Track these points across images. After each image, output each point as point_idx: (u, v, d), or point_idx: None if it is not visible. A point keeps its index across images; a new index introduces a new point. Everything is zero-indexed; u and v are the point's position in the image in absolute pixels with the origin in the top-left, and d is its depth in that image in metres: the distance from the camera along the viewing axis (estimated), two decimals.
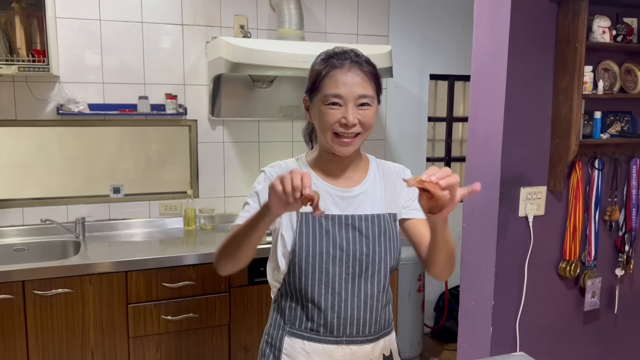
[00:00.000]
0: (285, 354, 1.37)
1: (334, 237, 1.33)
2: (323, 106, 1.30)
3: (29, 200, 2.84)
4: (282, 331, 1.39)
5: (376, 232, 1.36)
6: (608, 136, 2.21)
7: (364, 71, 1.31)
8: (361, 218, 1.36)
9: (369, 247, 1.34)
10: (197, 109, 3.06)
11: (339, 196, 1.37)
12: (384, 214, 1.39)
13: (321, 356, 1.34)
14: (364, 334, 1.36)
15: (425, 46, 3.64)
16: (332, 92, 1.28)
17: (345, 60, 1.30)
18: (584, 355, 2.39)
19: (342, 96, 1.28)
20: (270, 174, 1.40)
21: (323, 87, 1.30)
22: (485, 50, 2.17)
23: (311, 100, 1.35)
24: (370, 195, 1.40)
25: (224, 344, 2.64)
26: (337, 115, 1.29)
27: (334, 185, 1.39)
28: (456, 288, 3.81)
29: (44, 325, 2.34)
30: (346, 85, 1.28)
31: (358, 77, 1.29)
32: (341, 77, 1.28)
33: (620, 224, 2.35)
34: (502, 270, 2.16)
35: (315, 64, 1.35)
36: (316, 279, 1.33)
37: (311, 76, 1.34)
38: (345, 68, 1.29)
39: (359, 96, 1.29)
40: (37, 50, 2.56)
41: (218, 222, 3.14)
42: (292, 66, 2.65)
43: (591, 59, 2.12)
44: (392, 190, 1.43)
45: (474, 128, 2.24)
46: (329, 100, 1.29)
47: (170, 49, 2.98)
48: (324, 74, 1.30)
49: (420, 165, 3.74)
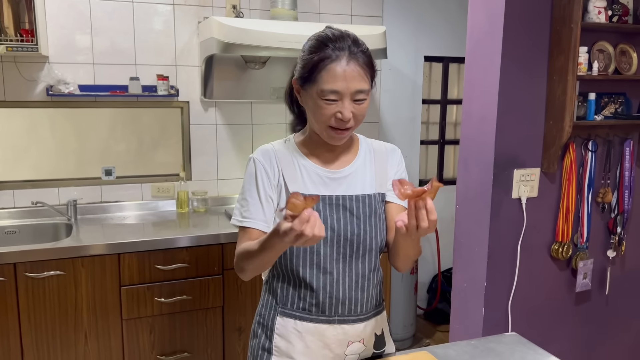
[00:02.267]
0: (277, 334, 1.37)
1: (325, 218, 1.32)
2: (319, 100, 1.27)
3: (19, 183, 2.82)
4: (274, 311, 1.39)
5: (367, 212, 1.36)
6: (602, 118, 2.21)
7: (361, 64, 1.26)
8: (352, 198, 1.36)
9: (360, 227, 1.35)
10: (189, 90, 3.03)
11: (328, 177, 1.37)
12: (374, 194, 1.39)
13: (313, 335, 1.35)
14: (356, 313, 1.37)
15: (420, 27, 3.61)
16: (329, 88, 1.25)
17: (342, 52, 1.25)
18: (575, 336, 2.42)
19: (340, 92, 1.25)
20: (260, 163, 1.37)
21: (320, 81, 1.26)
22: (480, 30, 2.15)
23: (304, 87, 1.31)
24: (360, 176, 1.40)
25: (218, 325, 2.65)
26: (331, 112, 1.27)
27: (323, 167, 1.38)
28: (449, 270, 3.83)
29: (37, 307, 2.34)
30: (344, 80, 1.24)
31: (356, 72, 1.25)
32: (339, 72, 1.24)
33: (612, 206, 2.36)
34: (494, 251, 2.17)
35: (309, 50, 1.29)
36: (307, 260, 1.33)
37: (305, 64, 1.29)
38: (343, 61, 1.24)
39: (356, 91, 1.26)
40: (25, 30, 2.52)
41: (211, 204, 3.13)
42: (285, 47, 2.62)
43: (586, 40, 2.11)
44: (382, 170, 1.43)
45: (468, 109, 2.23)
46: (326, 95, 1.25)
47: (162, 29, 2.94)
48: (320, 67, 1.25)
49: (415, 148, 3.74)
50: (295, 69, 1.36)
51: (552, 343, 2.33)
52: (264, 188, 1.35)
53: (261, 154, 1.39)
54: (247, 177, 1.38)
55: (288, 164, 1.37)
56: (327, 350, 1.36)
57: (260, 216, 1.35)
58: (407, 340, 3.52)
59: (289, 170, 1.36)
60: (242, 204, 1.37)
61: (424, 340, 3.61)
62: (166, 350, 2.57)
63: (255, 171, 1.37)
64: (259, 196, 1.35)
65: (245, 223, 1.35)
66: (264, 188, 1.35)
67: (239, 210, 1.38)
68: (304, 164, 1.37)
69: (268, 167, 1.36)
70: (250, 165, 1.39)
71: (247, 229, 1.35)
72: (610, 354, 2.53)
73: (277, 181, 1.36)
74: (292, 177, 1.36)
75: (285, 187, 1.35)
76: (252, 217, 1.35)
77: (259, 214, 1.35)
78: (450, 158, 4.02)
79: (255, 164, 1.37)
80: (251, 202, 1.35)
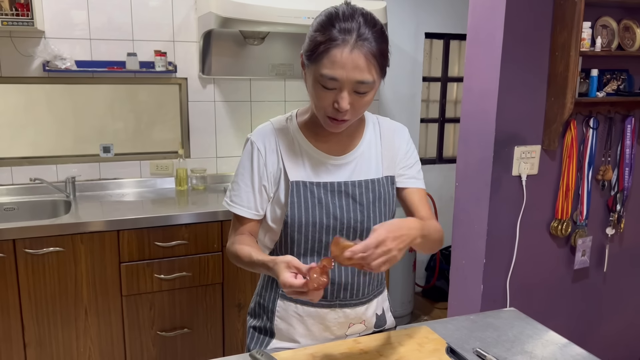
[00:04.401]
0: (278, 316, 1.36)
1: (327, 205, 1.28)
2: (317, 84, 1.17)
3: (17, 159, 2.80)
4: (275, 293, 1.37)
5: (370, 197, 1.31)
6: (604, 94, 2.19)
7: (367, 52, 1.13)
8: (354, 184, 1.31)
9: (363, 214, 1.30)
10: (187, 66, 3.00)
11: (332, 164, 1.31)
12: (380, 178, 1.34)
13: (314, 319, 1.34)
14: (357, 297, 1.35)
15: (421, 3, 3.56)
16: (327, 74, 1.13)
17: (348, 36, 1.12)
18: (572, 312, 2.44)
19: (338, 79, 1.13)
20: (258, 149, 1.31)
21: (319, 64, 1.14)
22: (482, 5, 2.11)
23: (307, 65, 1.20)
24: (365, 160, 1.34)
25: (217, 302, 2.66)
26: (329, 99, 1.17)
27: (326, 152, 1.31)
28: (447, 248, 3.84)
29: (37, 283, 2.34)
30: (344, 68, 1.12)
31: (360, 60, 1.12)
32: (340, 58, 1.12)
33: (612, 184, 2.36)
34: (494, 229, 2.17)
35: (316, 27, 1.17)
36: (309, 248, 1.30)
37: (310, 41, 1.17)
38: (347, 48, 1.11)
39: (356, 82, 1.14)
40: (20, 4, 2.47)
41: (210, 182, 3.12)
42: (285, 22, 2.58)
43: (589, 15, 2.08)
44: (390, 151, 1.37)
45: (469, 86, 2.21)
46: (324, 81, 1.15)
47: (159, 4, 2.90)
48: (321, 49, 1.13)
49: (415, 126, 3.72)
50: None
51: (550, 319, 2.34)
52: (259, 177, 1.30)
53: (261, 137, 1.32)
54: (243, 159, 1.33)
55: (289, 149, 1.31)
56: (328, 333, 1.35)
57: (250, 204, 1.32)
58: (405, 317, 3.55)
59: (290, 155, 1.30)
60: (234, 187, 1.33)
61: (422, 317, 3.64)
62: (166, 327, 2.59)
63: (252, 157, 1.31)
64: (252, 184, 1.31)
65: (234, 209, 1.33)
66: (259, 177, 1.30)
67: (230, 192, 1.35)
68: (306, 149, 1.31)
69: (267, 153, 1.30)
70: (248, 147, 1.32)
71: (236, 216, 1.33)
72: (607, 330, 2.55)
73: (277, 166, 1.30)
74: (293, 164, 1.30)
75: (284, 173, 1.30)
76: (242, 204, 1.32)
77: (249, 202, 1.31)
78: (450, 136, 4.01)
79: (253, 149, 1.31)
80: (243, 189, 1.32)
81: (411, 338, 1.37)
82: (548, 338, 1.42)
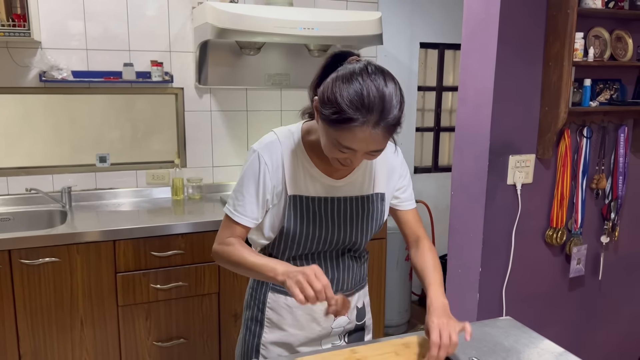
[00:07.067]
0: (269, 307, 1.46)
1: (321, 219, 1.37)
2: (332, 144, 1.19)
3: (13, 170, 2.80)
4: (266, 286, 1.46)
5: (360, 213, 1.41)
6: (597, 104, 2.21)
7: (386, 130, 1.15)
8: (346, 200, 1.40)
9: (352, 227, 1.41)
10: (183, 76, 3.01)
11: (330, 185, 1.38)
12: (371, 195, 1.43)
13: (302, 310, 1.43)
14: (342, 290, 1.46)
15: (416, 13, 3.59)
16: (346, 145, 1.17)
17: (371, 116, 1.12)
18: (568, 321, 2.44)
19: (356, 150, 1.18)
20: (265, 164, 1.33)
21: (338, 133, 1.16)
22: (477, 17, 2.14)
23: (322, 118, 1.19)
24: (359, 180, 1.42)
25: (214, 312, 2.65)
26: (343, 156, 1.21)
27: (328, 174, 1.37)
28: (444, 257, 3.84)
29: (32, 294, 2.33)
30: (363, 143, 1.15)
31: (379, 137, 1.15)
32: (361, 136, 1.14)
33: (606, 192, 2.38)
34: (489, 237, 2.18)
35: (342, 96, 1.13)
36: (299, 253, 1.41)
37: (331, 105, 1.15)
38: (369, 127, 1.13)
39: (372, 151, 1.19)
40: (17, 15, 2.48)
41: (206, 192, 3.12)
42: (281, 32, 2.59)
43: (582, 26, 2.11)
44: (384, 167, 1.45)
45: (464, 96, 2.23)
46: (340, 147, 1.18)
47: (155, 15, 2.91)
48: (343, 124, 1.13)
49: (410, 135, 3.74)
50: (319, 86, 1.23)
51: (545, 328, 2.34)
52: (264, 190, 1.34)
53: (267, 151, 1.34)
54: (249, 171, 1.35)
55: (292, 166, 1.35)
56: (315, 324, 1.45)
57: (253, 215, 1.36)
58: (402, 326, 3.55)
59: (293, 172, 1.35)
60: (239, 197, 1.36)
61: (419, 326, 3.64)
62: (162, 337, 2.58)
63: (258, 171, 1.34)
64: (257, 196, 1.35)
65: (237, 218, 1.37)
66: (263, 190, 1.34)
67: (234, 202, 1.38)
68: (309, 170, 1.36)
69: (273, 169, 1.34)
70: (254, 160, 1.34)
71: (235, 222, 1.37)
72: (602, 339, 2.56)
73: (280, 180, 1.35)
74: (294, 180, 1.35)
75: (284, 187, 1.35)
76: (245, 214, 1.36)
77: (252, 213, 1.36)
78: (445, 145, 4.03)
79: (260, 162, 1.33)
80: (248, 200, 1.35)
81: (407, 347, 1.38)
82: (544, 347, 1.42)
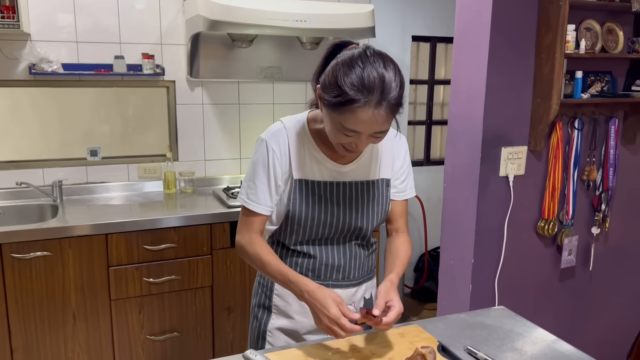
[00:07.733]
0: (276, 294, 1.47)
1: (326, 203, 1.38)
2: (336, 129, 1.23)
3: (3, 163, 2.77)
4: None
5: (365, 198, 1.42)
6: (588, 96, 2.22)
7: (388, 110, 1.19)
8: (352, 185, 1.41)
9: (358, 212, 1.41)
10: (175, 69, 2.99)
11: (336, 171, 1.40)
12: (377, 180, 1.44)
13: None
14: (349, 279, 1.46)
15: (408, 6, 3.59)
16: (350, 127, 1.20)
17: (372, 96, 1.16)
18: (559, 311, 2.47)
19: (360, 132, 1.21)
20: (273, 151, 1.36)
21: (342, 116, 1.19)
22: (469, 9, 2.14)
23: (325, 104, 1.23)
24: (365, 166, 1.44)
25: (207, 305, 2.65)
26: (347, 140, 1.24)
27: (333, 160, 1.40)
28: (436, 249, 3.87)
29: (24, 288, 2.32)
30: (367, 124, 1.19)
31: (382, 117, 1.18)
32: (363, 117, 1.17)
33: (597, 184, 2.40)
34: (482, 229, 2.19)
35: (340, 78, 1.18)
36: (305, 238, 1.42)
37: (333, 89, 1.19)
38: (371, 107, 1.16)
39: (375, 132, 1.22)
40: (6, 7, 2.45)
41: (198, 185, 3.11)
42: (273, 24, 2.58)
43: (574, 18, 2.11)
44: (388, 156, 1.46)
45: (457, 88, 2.23)
46: (344, 130, 1.21)
47: (146, 7, 2.89)
48: (345, 106, 1.17)
49: (402, 128, 3.73)
50: (321, 75, 1.27)
51: (537, 318, 2.36)
52: (275, 177, 1.37)
53: (274, 139, 1.38)
54: (258, 160, 1.38)
55: (298, 151, 1.38)
56: None
57: (266, 202, 1.39)
58: None
59: (299, 157, 1.38)
60: (251, 186, 1.39)
61: (411, 318, 3.66)
62: (155, 330, 2.57)
63: (267, 159, 1.37)
64: (269, 183, 1.38)
65: (251, 206, 1.39)
66: (274, 176, 1.37)
67: (247, 191, 1.40)
68: (315, 155, 1.39)
69: (281, 155, 1.37)
70: (263, 149, 1.38)
71: (251, 211, 1.40)
72: (593, 328, 2.59)
73: (287, 166, 1.38)
74: (300, 164, 1.38)
75: (290, 172, 1.38)
76: (259, 202, 1.39)
77: (266, 200, 1.39)
78: (437, 138, 4.04)
79: (268, 150, 1.37)
80: (260, 188, 1.38)
81: (403, 337, 1.39)
82: (537, 335, 1.44)
